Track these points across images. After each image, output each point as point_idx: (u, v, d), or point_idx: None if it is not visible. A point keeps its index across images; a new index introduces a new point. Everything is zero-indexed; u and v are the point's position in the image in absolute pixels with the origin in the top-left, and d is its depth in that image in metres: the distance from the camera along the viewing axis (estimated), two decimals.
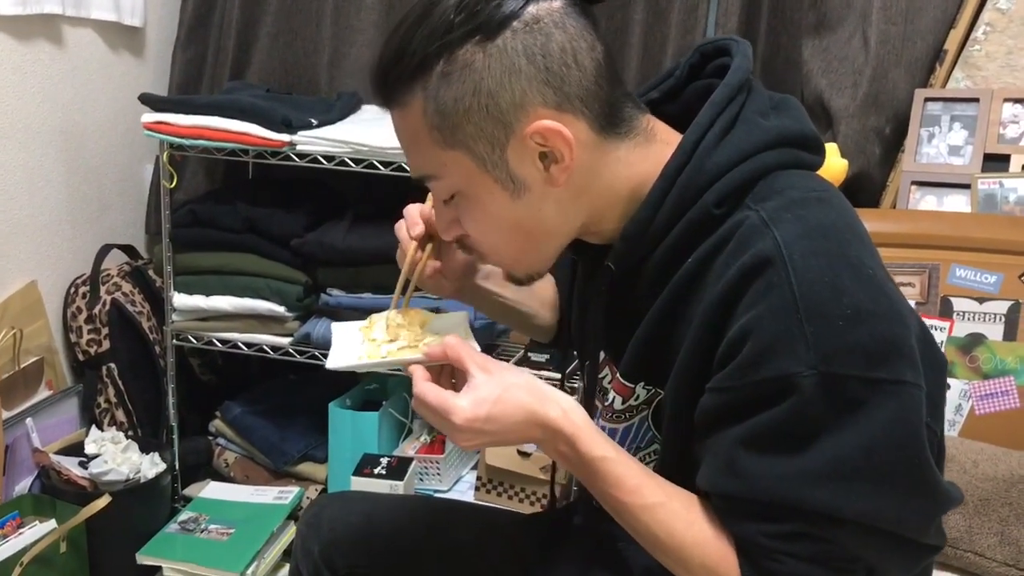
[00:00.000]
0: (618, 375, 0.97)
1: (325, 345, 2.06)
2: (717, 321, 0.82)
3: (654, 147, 0.90)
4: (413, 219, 1.09)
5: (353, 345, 1.02)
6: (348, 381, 2.24)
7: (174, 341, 2.17)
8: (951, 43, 1.88)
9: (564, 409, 0.87)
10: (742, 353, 0.79)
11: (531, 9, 0.83)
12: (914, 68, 1.92)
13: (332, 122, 2.08)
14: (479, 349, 0.91)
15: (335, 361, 1.00)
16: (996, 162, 1.77)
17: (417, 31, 0.84)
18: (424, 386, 0.88)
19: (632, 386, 0.96)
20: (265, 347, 2.12)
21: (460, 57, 0.83)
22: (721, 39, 0.96)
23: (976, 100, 1.81)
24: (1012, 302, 1.57)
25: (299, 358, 2.10)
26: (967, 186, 1.75)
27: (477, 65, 0.83)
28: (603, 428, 1.02)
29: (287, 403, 2.28)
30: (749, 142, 0.87)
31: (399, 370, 2.02)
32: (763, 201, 0.84)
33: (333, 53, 2.32)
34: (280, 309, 2.07)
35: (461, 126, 0.85)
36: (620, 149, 0.90)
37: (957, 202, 1.77)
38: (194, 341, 2.17)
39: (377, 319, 1.05)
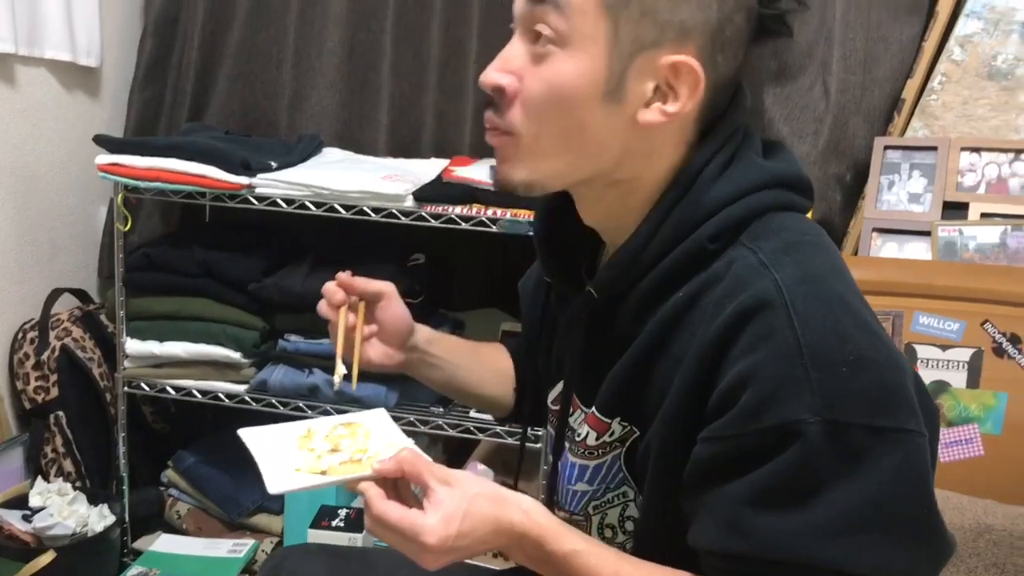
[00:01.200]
0: (594, 409, 0.94)
1: (282, 392, 2.02)
2: (711, 362, 0.79)
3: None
4: (331, 289, 1.07)
5: (287, 455, 0.93)
6: None
7: (126, 389, 2.10)
8: (908, 92, 1.91)
9: (525, 510, 0.83)
10: (742, 400, 0.76)
11: None
12: (873, 116, 1.95)
13: (292, 164, 2.05)
14: (429, 458, 0.86)
15: (277, 484, 0.89)
16: (955, 210, 1.79)
17: None
18: (384, 506, 0.82)
19: (608, 421, 0.92)
20: (220, 395, 2.07)
21: None
22: None
23: (934, 148, 1.83)
24: (975, 349, 1.57)
25: (255, 406, 2.05)
26: (927, 233, 1.77)
27: None
28: (573, 464, 0.98)
29: (242, 452, 2.21)
30: (746, 180, 0.86)
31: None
32: (758, 240, 0.83)
33: (294, 95, 2.30)
34: (236, 355, 2.02)
35: (629, 2, 0.82)
36: (682, 147, 0.88)
37: (918, 249, 1.79)
38: (147, 388, 2.10)
39: (317, 428, 0.98)
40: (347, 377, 1.07)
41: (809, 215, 0.92)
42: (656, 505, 0.88)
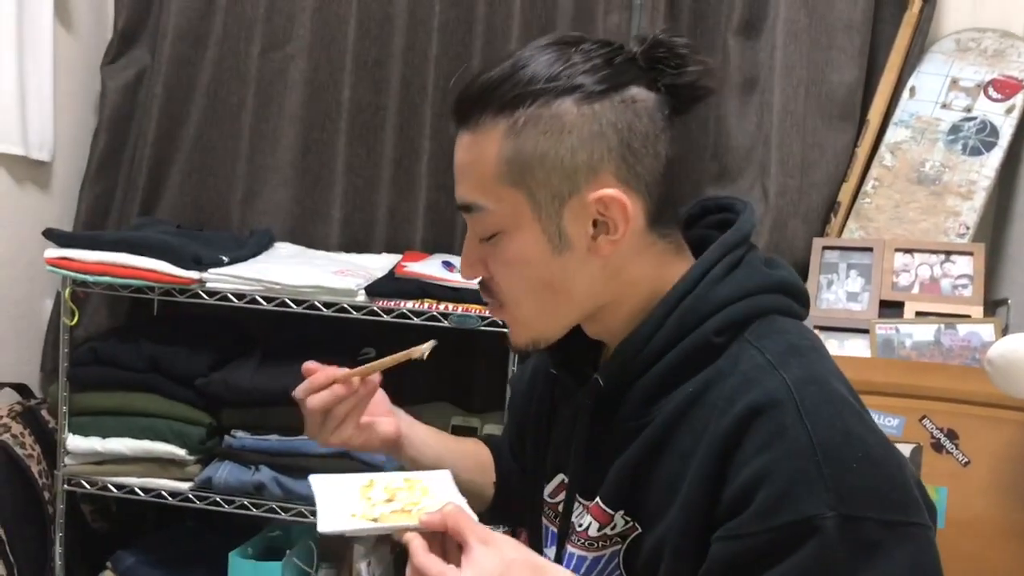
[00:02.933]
0: (598, 499, 0.94)
1: (227, 490, 1.98)
2: (723, 459, 0.81)
3: (680, 260, 0.93)
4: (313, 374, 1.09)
5: (346, 501, 0.97)
6: (250, 529, 2.14)
7: (65, 486, 2.05)
8: (844, 196, 2.00)
9: None
10: (759, 497, 0.78)
11: (632, 90, 0.87)
12: (811, 218, 2.02)
13: (244, 259, 2.06)
14: (476, 517, 0.87)
15: (328, 523, 0.93)
16: (891, 308, 1.86)
17: (527, 67, 0.87)
18: (425, 558, 0.83)
19: (612, 513, 0.93)
20: (163, 492, 2.02)
21: (555, 106, 0.86)
22: (725, 198, 1.01)
23: (870, 249, 1.90)
24: (914, 445, 1.61)
25: (199, 504, 2.01)
26: (866, 331, 1.82)
27: (568, 119, 0.86)
28: (572, 555, 0.98)
29: (185, 552, 2.16)
30: (751, 282, 0.90)
31: (303, 518, 1.96)
32: (762, 339, 0.87)
33: (247, 191, 2.32)
34: (181, 452, 1.98)
35: (532, 170, 0.87)
36: (657, 246, 0.92)
37: (857, 346, 1.84)
38: (87, 486, 2.05)
39: (380, 480, 1.01)
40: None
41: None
42: None
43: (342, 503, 0.97)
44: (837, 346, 1.85)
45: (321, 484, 1.00)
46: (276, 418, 1.97)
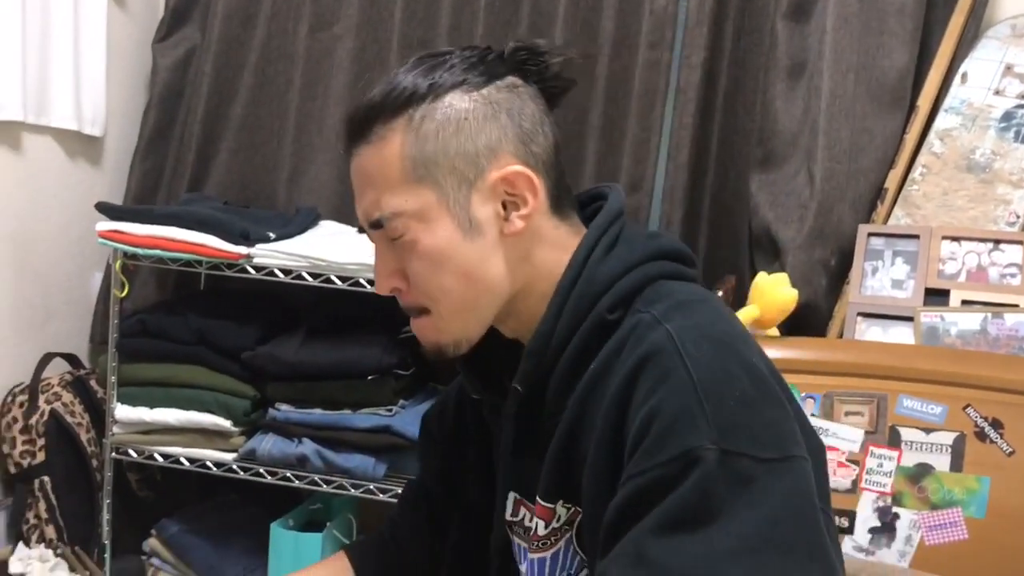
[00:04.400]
0: (538, 498, 0.96)
1: (271, 462, 2.02)
2: (619, 414, 0.84)
3: (577, 241, 0.95)
4: None
5: None
6: (291, 501, 2.18)
7: (113, 455, 2.10)
8: (891, 182, 1.97)
9: None
10: (648, 438, 0.80)
11: (511, 78, 0.93)
12: (858, 204, 2.00)
13: (290, 236, 2.09)
14: None
15: None
16: (937, 296, 1.84)
17: (412, 73, 0.92)
18: None
19: (552, 506, 0.95)
20: (208, 463, 2.06)
21: (447, 98, 0.91)
22: (595, 188, 1.04)
23: (916, 237, 1.88)
24: (957, 433, 1.59)
25: (243, 475, 2.05)
26: (910, 319, 1.81)
27: (462, 106, 0.91)
28: (532, 561, 0.99)
29: (227, 522, 2.21)
30: (633, 255, 0.94)
31: (344, 491, 1.99)
32: (652, 304, 0.90)
33: (293, 170, 2.35)
34: (226, 423, 2.02)
35: (436, 161, 0.90)
36: (559, 228, 0.96)
37: (901, 334, 1.82)
38: (134, 455, 2.10)
39: None
40: None
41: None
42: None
43: None
44: (881, 333, 1.84)
45: None
46: (320, 392, 2.00)
